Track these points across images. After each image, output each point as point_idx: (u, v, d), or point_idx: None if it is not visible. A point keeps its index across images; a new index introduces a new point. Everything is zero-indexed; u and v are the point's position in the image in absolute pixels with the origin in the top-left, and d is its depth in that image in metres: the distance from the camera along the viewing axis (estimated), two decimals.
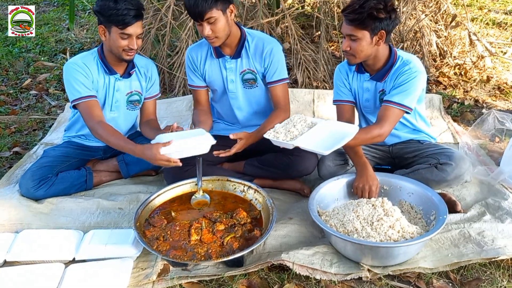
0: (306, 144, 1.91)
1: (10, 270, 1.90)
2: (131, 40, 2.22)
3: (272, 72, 2.41)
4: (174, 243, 1.90)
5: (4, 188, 2.43)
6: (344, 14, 2.09)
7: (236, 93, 2.47)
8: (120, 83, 2.42)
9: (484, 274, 1.88)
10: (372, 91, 2.29)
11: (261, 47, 2.37)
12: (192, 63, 2.45)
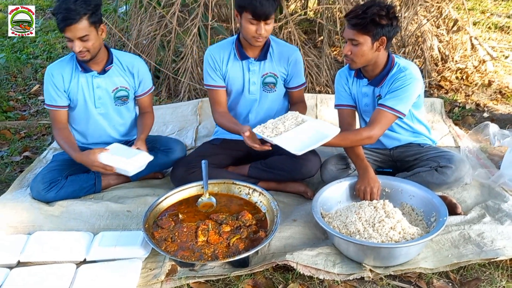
0: (283, 143, 2.01)
1: (24, 270, 1.97)
2: (73, 43, 2.23)
3: (295, 78, 2.53)
4: (181, 244, 1.96)
5: (16, 191, 2.51)
6: (347, 19, 2.15)
7: (256, 96, 2.53)
8: (99, 80, 2.45)
9: (484, 274, 1.93)
10: (370, 96, 2.35)
11: (286, 54, 2.47)
12: (214, 62, 2.47)
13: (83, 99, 2.47)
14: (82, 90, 2.45)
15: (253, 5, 2.19)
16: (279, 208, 2.10)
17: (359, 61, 2.20)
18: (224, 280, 1.92)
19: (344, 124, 2.40)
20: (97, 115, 2.52)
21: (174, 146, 2.60)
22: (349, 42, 2.17)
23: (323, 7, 3.94)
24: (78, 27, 2.18)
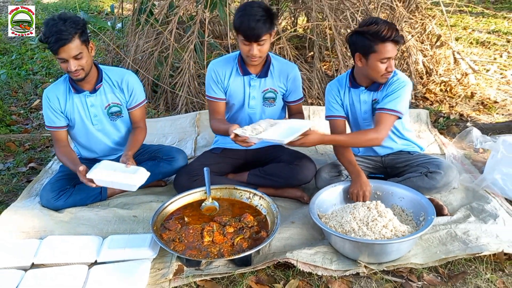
0: (269, 136, 2.20)
1: (38, 271, 2.07)
2: (68, 63, 2.31)
3: (294, 94, 2.68)
4: (189, 244, 2.09)
5: (25, 200, 2.61)
6: (393, 38, 2.26)
7: (256, 110, 2.68)
8: (92, 99, 2.55)
9: (470, 268, 2.08)
10: (369, 103, 2.51)
11: (286, 71, 2.62)
12: (217, 76, 2.62)
13: (79, 118, 2.58)
14: (78, 110, 2.56)
15: (243, 28, 2.35)
16: (279, 210, 2.24)
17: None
18: (228, 277, 2.04)
19: (337, 133, 2.56)
20: (96, 132, 2.63)
21: (177, 156, 2.73)
22: (391, 59, 2.32)
23: (313, 24, 4.13)
24: (71, 46, 2.27)
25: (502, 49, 5.83)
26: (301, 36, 5.20)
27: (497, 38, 6.41)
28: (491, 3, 9.00)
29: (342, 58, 3.85)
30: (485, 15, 7.88)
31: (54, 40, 2.24)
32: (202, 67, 3.89)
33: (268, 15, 2.36)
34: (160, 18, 4.24)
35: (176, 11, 4.10)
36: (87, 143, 2.69)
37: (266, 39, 2.40)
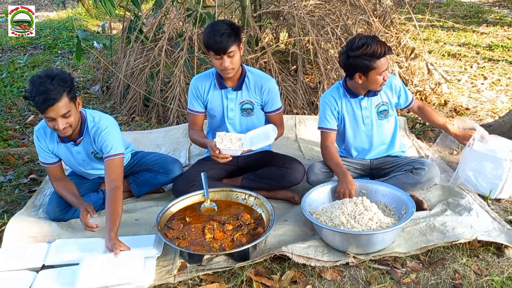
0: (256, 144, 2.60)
1: (49, 271, 2.21)
2: (55, 122, 2.28)
3: (270, 105, 2.85)
4: (192, 240, 2.26)
5: (30, 210, 2.74)
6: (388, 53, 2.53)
7: (234, 120, 2.87)
8: (77, 148, 2.58)
9: (448, 255, 2.29)
10: (369, 107, 2.75)
11: (260, 84, 2.80)
12: (196, 91, 2.83)
13: (69, 161, 2.66)
14: (65, 155, 2.61)
15: (211, 43, 2.55)
16: (273, 208, 2.43)
17: None
18: (229, 271, 2.21)
19: (327, 142, 2.79)
20: (85, 171, 2.75)
21: (172, 167, 2.86)
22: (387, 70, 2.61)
23: (297, 39, 4.37)
24: (60, 106, 2.22)
25: (472, 60, 6.18)
26: (283, 51, 5.45)
27: (467, 50, 6.78)
28: (461, 18, 9.46)
29: (324, 70, 4.08)
30: (455, 29, 8.30)
31: (42, 100, 2.18)
32: None
33: (232, 28, 2.58)
34: (150, 35, 4.43)
35: (166, 28, 4.31)
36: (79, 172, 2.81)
37: (235, 51, 2.60)
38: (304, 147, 3.54)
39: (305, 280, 2.17)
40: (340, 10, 4.47)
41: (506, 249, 2.31)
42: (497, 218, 2.55)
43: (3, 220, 2.62)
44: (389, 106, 2.79)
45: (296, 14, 4.29)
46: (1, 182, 3.14)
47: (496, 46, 6.96)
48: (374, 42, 2.51)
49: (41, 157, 2.63)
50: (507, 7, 10.79)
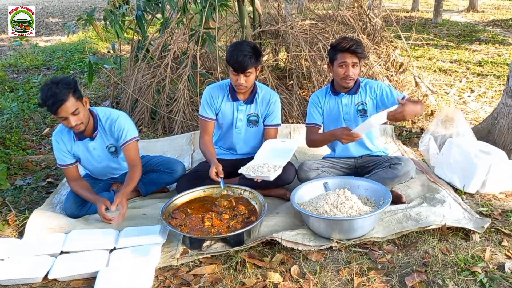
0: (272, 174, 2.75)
1: (67, 256, 2.50)
2: (68, 120, 2.62)
3: (272, 118, 3.17)
4: (192, 227, 2.55)
5: (48, 207, 3.05)
6: (351, 50, 2.82)
7: (241, 130, 3.19)
8: (93, 144, 2.90)
9: (420, 239, 2.57)
10: (350, 105, 3.05)
11: (267, 98, 3.13)
12: (210, 99, 3.13)
13: (86, 159, 2.96)
14: (83, 153, 2.92)
15: (232, 61, 2.88)
16: (265, 201, 2.72)
17: (356, 78, 2.97)
18: (226, 255, 2.50)
19: (312, 135, 3.09)
20: (99, 168, 3.06)
21: (176, 167, 3.18)
22: (350, 66, 2.87)
23: (291, 55, 4.73)
24: (68, 105, 2.57)
25: (462, 75, 6.52)
26: (281, 68, 5.81)
27: (458, 66, 7.13)
28: (455, 36, 9.85)
29: (317, 83, 4.41)
30: (449, 47, 8.67)
31: (52, 103, 2.53)
32: (196, 94, 4.42)
33: (254, 52, 2.89)
34: (156, 54, 4.81)
35: (171, 47, 4.68)
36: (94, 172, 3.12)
37: (252, 72, 2.93)
38: (298, 151, 3.84)
39: (293, 261, 2.44)
40: (332, 28, 4.83)
41: (473, 234, 2.58)
42: (468, 209, 2.82)
43: (25, 215, 2.93)
44: (367, 106, 3.04)
45: (291, 33, 4.65)
46: (21, 185, 3.46)
47: (486, 62, 7.30)
48: (346, 39, 2.87)
49: (59, 159, 2.93)
50: (501, 26, 11.19)
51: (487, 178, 3.08)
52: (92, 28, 10.57)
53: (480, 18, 12.92)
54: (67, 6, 20.27)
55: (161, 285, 2.30)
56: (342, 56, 2.88)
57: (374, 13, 6.13)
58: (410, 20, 12.11)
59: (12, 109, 5.00)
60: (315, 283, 2.25)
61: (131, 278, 2.29)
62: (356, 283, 2.24)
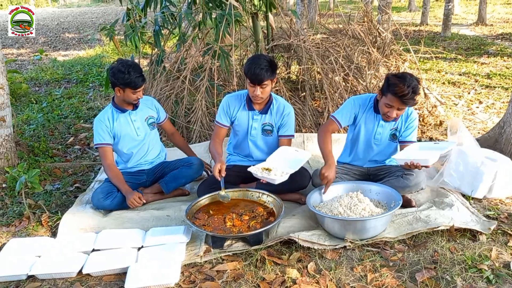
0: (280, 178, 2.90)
1: (99, 253, 2.69)
2: (139, 93, 3.21)
3: (285, 129, 3.34)
4: (215, 227, 2.73)
5: (78, 207, 3.26)
6: (403, 100, 2.83)
7: (256, 138, 3.38)
8: (135, 116, 3.35)
9: (430, 239, 2.72)
10: (386, 128, 3.17)
11: (282, 110, 3.31)
12: (228, 107, 3.32)
13: (126, 134, 3.31)
14: (124, 126, 3.31)
15: (250, 73, 3.07)
16: (283, 203, 2.89)
17: None
18: (246, 253, 2.67)
19: (329, 127, 3.20)
20: (138, 144, 3.39)
21: (194, 161, 3.47)
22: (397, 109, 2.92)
23: (304, 67, 4.93)
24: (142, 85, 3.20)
25: (470, 87, 6.67)
26: (294, 81, 6.01)
27: (467, 78, 7.29)
28: (464, 50, 10.01)
29: (329, 94, 4.60)
30: (458, 60, 8.83)
31: (142, 79, 3.17)
32: (212, 105, 4.63)
33: (270, 65, 3.09)
34: (175, 67, 5.04)
35: (188, 60, 4.91)
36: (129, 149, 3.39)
37: (268, 84, 3.12)
38: (311, 160, 4.00)
39: (309, 259, 2.61)
40: (343, 42, 5.03)
41: (480, 235, 2.73)
42: (475, 212, 2.98)
43: (58, 216, 3.13)
44: (398, 132, 3.20)
45: (304, 47, 4.86)
46: (50, 190, 3.67)
47: (494, 74, 7.44)
48: (405, 83, 2.81)
49: (97, 138, 3.27)
50: (509, 39, 11.33)
51: (494, 183, 3.23)
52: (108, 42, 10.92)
53: (488, 31, 13.07)
54: (82, 22, 20.78)
55: (187, 280, 2.47)
56: (391, 99, 2.89)
57: (384, 27, 6.33)
58: (419, 34, 12.29)
59: (38, 119, 5.25)
60: (331, 278, 2.41)
61: (159, 273, 2.46)
62: (369, 279, 2.39)
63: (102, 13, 25.81)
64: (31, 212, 3.21)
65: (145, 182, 3.48)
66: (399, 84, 2.83)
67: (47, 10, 31.42)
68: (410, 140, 3.13)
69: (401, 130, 3.17)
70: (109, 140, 3.29)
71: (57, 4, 38.40)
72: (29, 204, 3.30)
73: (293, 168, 2.97)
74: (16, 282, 2.53)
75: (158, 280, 2.42)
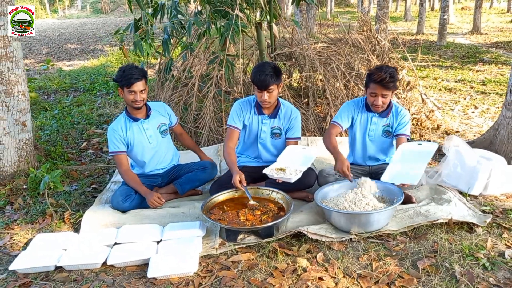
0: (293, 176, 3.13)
1: (121, 246, 2.88)
2: (136, 94, 3.27)
3: (293, 132, 3.55)
4: (229, 221, 2.93)
5: (97, 206, 3.45)
6: (382, 83, 3.13)
7: (265, 141, 3.58)
8: (147, 124, 3.48)
9: (429, 231, 2.92)
10: (378, 124, 3.42)
11: (289, 113, 3.52)
12: (241, 111, 3.53)
13: (139, 142, 3.43)
14: (137, 135, 3.43)
15: (256, 80, 3.29)
16: (292, 199, 3.09)
17: (386, 106, 3.30)
18: (258, 245, 2.86)
19: (332, 131, 3.44)
20: (151, 150, 3.54)
21: (208, 165, 3.67)
22: (381, 96, 3.21)
23: (308, 74, 5.15)
24: (140, 83, 3.28)
25: (466, 93, 6.91)
26: (295, 88, 6.23)
27: (463, 85, 7.53)
28: (459, 58, 10.27)
29: (331, 100, 4.82)
30: (453, 68, 9.08)
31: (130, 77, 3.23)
32: (220, 111, 4.84)
33: (275, 71, 3.30)
34: (183, 75, 5.26)
35: (195, 68, 5.13)
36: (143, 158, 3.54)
37: (274, 89, 3.33)
38: (316, 161, 4.21)
39: (318, 250, 2.80)
40: (344, 50, 5.26)
41: (477, 228, 2.93)
42: (472, 207, 3.18)
43: (80, 213, 3.32)
44: (391, 128, 3.44)
45: (306, 55, 5.09)
46: (69, 190, 3.86)
47: (489, 81, 7.69)
48: (382, 70, 3.15)
49: (112, 147, 3.41)
50: (504, 47, 11.61)
51: (489, 181, 3.44)
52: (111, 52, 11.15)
53: (483, 40, 13.36)
54: (82, 33, 21.06)
55: (205, 269, 2.66)
56: (373, 87, 3.21)
57: (381, 36, 6.58)
58: (415, 43, 12.57)
59: (52, 125, 5.45)
60: (339, 266, 2.60)
61: (179, 263, 2.65)
62: (374, 266, 2.59)
63: (101, 24, 26.13)
64: (54, 210, 3.40)
65: (160, 184, 3.67)
66: (377, 72, 3.16)
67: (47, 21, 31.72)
68: (403, 133, 3.38)
69: (393, 126, 3.42)
70: (123, 148, 3.44)
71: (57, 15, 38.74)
72: (51, 202, 3.49)
73: (305, 165, 3.18)
74: (45, 273, 2.71)
75: (178, 270, 2.61)
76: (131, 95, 3.30)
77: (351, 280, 2.49)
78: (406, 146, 3.31)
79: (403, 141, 3.37)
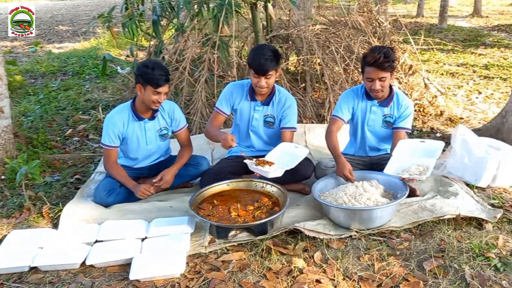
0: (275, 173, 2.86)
1: (102, 244, 2.66)
2: (160, 96, 3.03)
3: (286, 121, 3.28)
4: (220, 217, 2.70)
5: (80, 199, 3.21)
6: (377, 65, 2.88)
7: (257, 129, 3.34)
8: (150, 124, 3.20)
9: (436, 228, 2.71)
10: (378, 114, 3.17)
11: (283, 101, 3.26)
12: (230, 95, 3.28)
13: (136, 139, 3.19)
14: (136, 133, 3.17)
15: (254, 64, 3.03)
16: (287, 192, 2.87)
17: (386, 91, 3.06)
18: (251, 243, 2.64)
19: (333, 127, 3.20)
20: (144, 150, 3.28)
21: (201, 161, 3.39)
22: (378, 80, 2.96)
23: (305, 57, 4.89)
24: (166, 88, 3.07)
25: (469, 78, 6.66)
26: (292, 72, 5.97)
27: (465, 69, 7.28)
28: (460, 41, 10.00)
29: (330, 85, 4.57)
30: (455, 51, 8.82)
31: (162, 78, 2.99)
32: (212, 96, 4.58)
33: (275, 55, 3.04)
34: (174, 58, 4.98)
35: (186, 51, 4.85)
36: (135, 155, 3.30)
37: (272, 74, 3.08)
38: (313, 150, 3.99)
39: (315, 249, 2.59)
40: (343, 32, 5.00)
41: (486, 224, 2.72)
42: (480, 201, 2.97)
43: (59, 207, 3.09)
44: (392, 119, 3.19)
45: (304, 37, 4.82)
46: (50, 181, 3.62)
47: (492, 65, 7.44)
48: (375, 51, 2.93)
49: (107, 140, 3.14)
50: (505, 31, 11.34)
51: (498, 172, 3.22)
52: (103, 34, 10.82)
53: (484, 23, 13.06)
54: (75, 15, 20.56)
55: (192, 270, 2.45)
56: (368, 70, 2.96)
57: (382, 18, 6.30)
58: (415, 26, 12.27)
59: (36, 111, 5.18)
60: (338, 267, 2.39)
61: (164, 263, 2.43)
62: (376, 267, 2.38)
63: (95, 6, 25.58)
64: (32, 203, 3.17)
65: (147, 176, 3.43)
66: (370, 54, 2.94)
67: (40, 3, 31.05)
68: (402, 127, 3.13)
69: (394, 117, 3.17)
70: (117, 144, 3.18)
71: None
72: (29, 195, 3.25)
73: (288, 166, 2.90)
74: (18, 274, 2.49)
75: (164, 271, 2.39)
76: (155, 96, 3.04)
77: (352, 283, 2.28)
78: (406, 144, 3.05)
79: (402, 136, 3.12)
